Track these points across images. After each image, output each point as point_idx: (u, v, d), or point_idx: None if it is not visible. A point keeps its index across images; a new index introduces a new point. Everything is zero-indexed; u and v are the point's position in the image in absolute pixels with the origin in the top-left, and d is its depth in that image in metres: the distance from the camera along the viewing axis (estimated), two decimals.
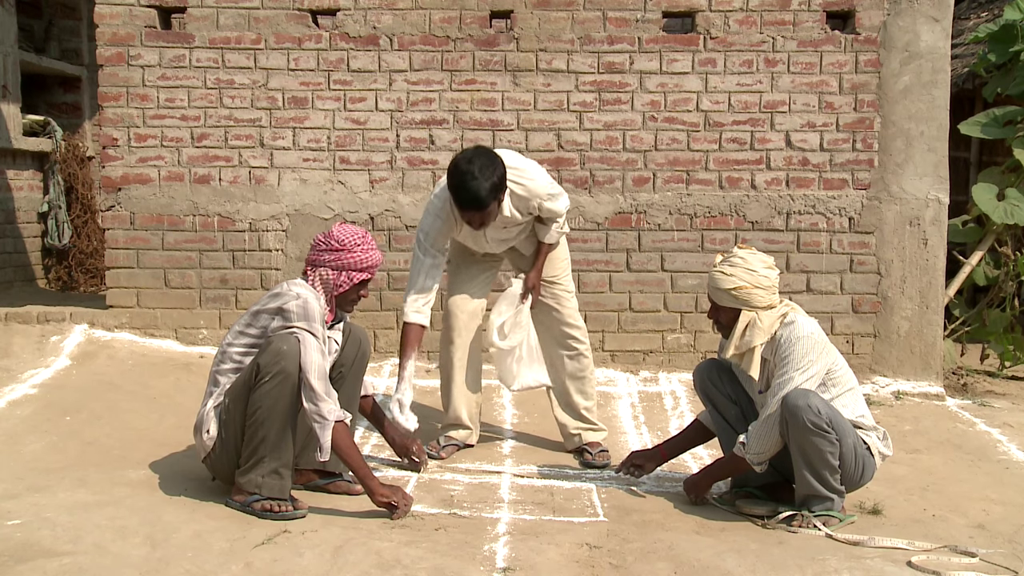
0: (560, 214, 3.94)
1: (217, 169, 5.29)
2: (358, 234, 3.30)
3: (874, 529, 3.30)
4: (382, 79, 5.25)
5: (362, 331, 3.56)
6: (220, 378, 3.25)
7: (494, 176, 3.56)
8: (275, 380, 3.07)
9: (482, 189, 3.54)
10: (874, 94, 5.23)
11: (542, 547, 2.99)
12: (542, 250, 4.02)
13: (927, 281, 5.27)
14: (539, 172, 3.88)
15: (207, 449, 3.23)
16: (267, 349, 3.11)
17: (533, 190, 3.80)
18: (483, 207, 3.59)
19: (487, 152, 3.65)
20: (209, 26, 5.22)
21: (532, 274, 4.03)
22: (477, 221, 3.68)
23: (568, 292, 4.13)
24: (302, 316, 3.13)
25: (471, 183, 3.53)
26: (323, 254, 3.28)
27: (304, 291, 3.20)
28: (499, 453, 4.14)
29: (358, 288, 3.34)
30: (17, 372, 4.62)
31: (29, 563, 2.63)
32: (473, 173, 3.53)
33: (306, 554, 2.81)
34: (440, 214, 3.81)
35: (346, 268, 3.27)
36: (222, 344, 3.31)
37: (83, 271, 7.19)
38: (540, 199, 3.83)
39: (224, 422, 3.18)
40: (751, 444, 3.30)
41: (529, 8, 5.20)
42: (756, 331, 3.32)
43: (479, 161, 3.56)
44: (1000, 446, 4.46)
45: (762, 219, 5.29)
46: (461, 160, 3.59)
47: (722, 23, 5.22)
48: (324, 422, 3.08)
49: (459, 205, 3.63)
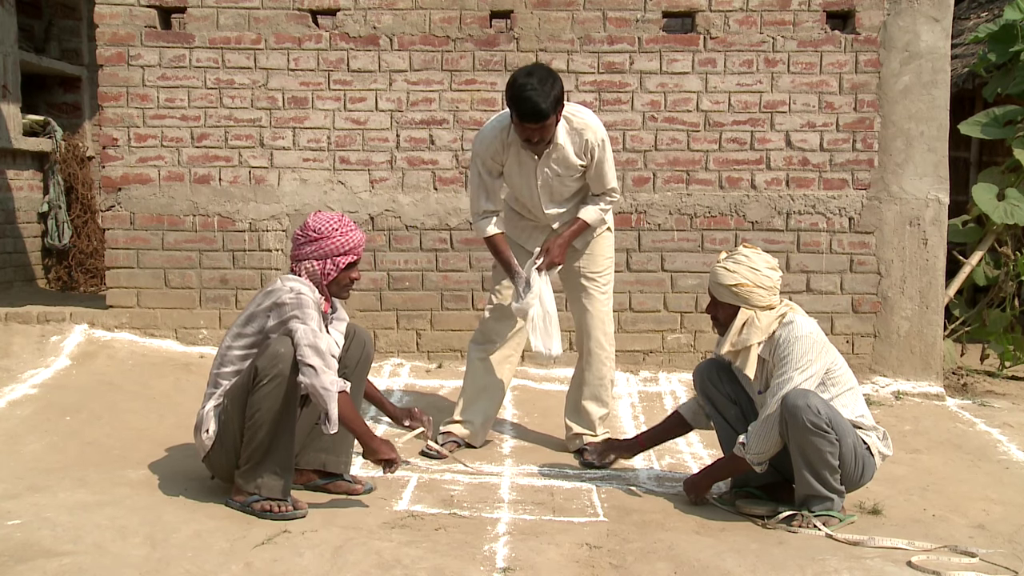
0: (609, 184, 3.92)
1: (217, 169, 5.29)
2: (334, 219, 3.29)
3: (874, 529, 3.30)
4: (382, 79, 5.25)
5: (366, 333, 3.57)
6: (221, 380, 3.26)
7: (555, 89, 3.60)
8: (273, 383, 3.08)
9: (543, 99, 3.55)
10: (874, 94, 5.23)
11: (542, 547, 2.99)
12: (577, 224, 3.93)
13: (927, 281, 5.27)
14: (596, 119, 3.90)
15: (206, 448, 3.24)
16: (265, 352, 3.11)
17: (591, 125, 3.82)
18: (543, 118, 3.59)
19: (544, 67, 3.71)
20: (209, 26, 5.22)
21: (554, 238, 3.92)
22: (536, 135, 3.67)
23: (604, 295, 4.08)
24: (297, 306, 3.14)
25: (531, 92, 3.55)
26: (304, 247, 3.28)
27: (295, 283, 3.21)
28: (499, 453, 4.14)
29: (347, 272, 3.33)
30: (17, 372, 4.62)
31: (29, 563, 2.63)
32: (533, 84, 3.56)
33: (306, 554, 2.81)
34: (491, 131, 3.84)
35: (329, 255, 3.26)
36: (221, 346, 3.31)
37: (83, 271, 7.18)
38: (596, 140, 3.81)
39: (223, 423, 3.19)
40: (751, 444, 3.30)
41: (529, 8, 5.20)
42: (753, 330, 3.32)
43: (539, 74, 3.60)
44: (1000, 446, 4.46)
45: (762, 219, 5.29)
46: (519, 74, 3.63)
47: (722, 23, 5.22)
48: (327, 393, 3.07)
49: (519, 116, 3.63)
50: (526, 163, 3.85)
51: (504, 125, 3.81)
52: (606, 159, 3.88)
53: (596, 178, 3.90)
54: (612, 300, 4.15)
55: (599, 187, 3.94)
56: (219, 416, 3.20)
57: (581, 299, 4.07)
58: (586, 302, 4.06)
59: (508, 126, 3.79)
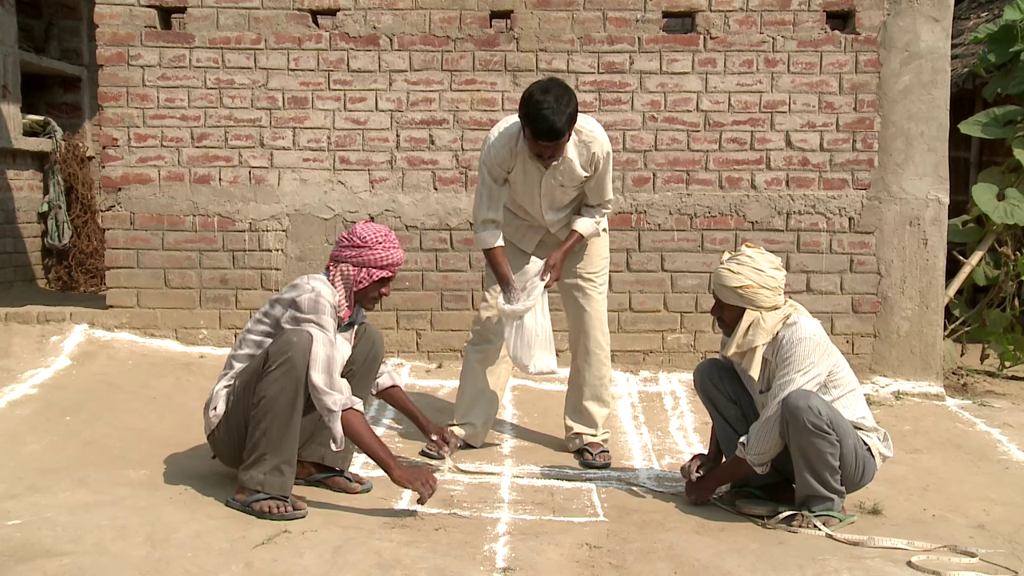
0: (606, 196, 3.94)
1: (217, 169, 5.29)
2: (381, 232, 3.34)
3: (874, 529, 3.29)
4: (382, 79, 5.25)
5: (377, 332, 3.57)
6: (234, 362, 3.32)
7: (570, 106, 3.59)
8: (281, 369, 3.10)
9: (559, 118, 3.55)
10: (874, 94, 5.23)
11: (542, 547, 2.99)
12: (572, 236, 3.96)
13: (927, 281, 5.27)
14: (603, 132, 3.89)
15: (212, 427, 3.28)
16: (279, 339, 3.16)
17: (599, 138, 3.82)
18: (558, 136, 3.60)
19: (560, 83, 3.67)
20: (209, 26, 5.22)
21: (556, 253, 3.95)
22: (548, 152, 3.68)
23: (600, 295, 4.11)
24: (312, 309, 3.17)
25: (547, 111, 3.54)
26: (345, 250, 3.33)
27: (320, 285, 3.24)
28: (499, 453, 4.14)
29: (378, 285, 3.37)
30: (17, 372, 4.62)
31: (29, 563, 2.62)
32: (550, 102, 3.54)
33: (306, 554, 2.81)
34: (501, 143, 3.82)
35: (366, 265, 3.31)
36: (243, 330, 3.38)
37: (83, 271, 7.18)
38: (601, 154, 3.82)
39: (232, 403, 3.24)
40: (751, 445, 3.29)
41: (529, 8, 5.20)
42: (759, 331, 3.32)
43: (555, 91, 3.58)
44: (1000, 446, 4.46)
45: (762, 219, 5.29)
46: (536, 90, 3.60)
47: (722, 23, 5.22)
48: (331, 414, 3.11)
49: (534, 134, 3.62)
50: (532, 172, 3.86)
51: (513, 133, 3.81)
52: (608, 172, 3.91)
53: (596, 189, 3.92)
54: (607, 300, 4.16)
55: (597, 198, 3.96)
56: (228, 396, 3.25)
57: (578, 299, 4.08)
58: (583, 302, 4.07)
59: (517, 134, 3.79)
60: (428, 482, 3.18)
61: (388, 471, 3.18)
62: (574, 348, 4.15)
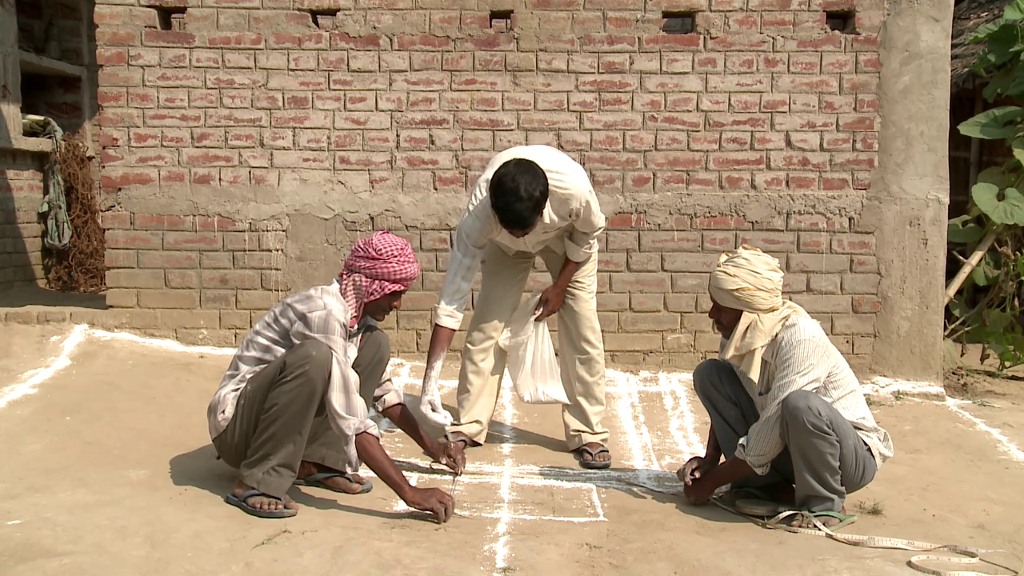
0: (596, 227, 3.95)
1: (217, 169, 5.29)
2: (397, 245, 3.33)
3: (874, 529, 3.29)
4: (382, 79, 5.25)
5: (383, 335, 3.58)
6: (241, 364, 3.31)
7: (537, 194, 3.56)
8: (296, 381, 3.10)
9: (526, 210, 3.55)
10: (874, 94, 5.23)
11: (542, 547, 2.99)
12: (568, 267, 4.03)
13: (927, 281, 5.27)
14: (579, 177, 3.84)
15: (219, 430, 3.28)
16: (298, 350, 3.15)
17: (575, 194, 3.79)
18: (527, 226, 3.63)
19: (530, 168, 3.60)
20: (209, 26, 5.22)
21: (552, 289, 4.05)
22: (519, 234, 3.72)
23: (589, 294, 4.13)
24: (321, 329, 3.17)
25: (515, 205, 3.54)
26: (360, 260, 3.32)
27: (333, 301, 3.23)
28: (499, 453, 4.14)
29: (390, 299, 3.38)
30: (17, 372, 4.62)
31: (29, 563, 2.62)
32: (518, 193, 3.52)
33: (306, 554, 2.81)
34: (481, 216, 3.80)
35: (380, 277, 3.31)
36: (250, 331, 3.37)
37: (83, 271, 7.18)
38: (580, 204, 3.80)
39: (241, 407, 3.23)
40: (751, 445, 3.29)
41: (529, 8, 5.20)
42: (757, 333, 3.31)
43: (523, 179, 3.54)
44: (1000, 446, 4.46)
45: (762, 219, 5.29)
46: (505, 178, 3.56)
47: (722, 23, 5.22)
48: (347, 437, 3.14)
49: (503, 224, 3.65)
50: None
51: (490, 213, 3.75)
52: (592, 211, 3.88)
53: (583, 225, 3.93)
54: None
55: (586, 229, 3.97)
56: (238, 400, 3.24)
57: (568, 301, 4.10)
58: (573, 303, 4.10)
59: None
60: (443, 501, 3.20)
61: (401, 494, 3.19)
62: (566, 348, 4.16)
